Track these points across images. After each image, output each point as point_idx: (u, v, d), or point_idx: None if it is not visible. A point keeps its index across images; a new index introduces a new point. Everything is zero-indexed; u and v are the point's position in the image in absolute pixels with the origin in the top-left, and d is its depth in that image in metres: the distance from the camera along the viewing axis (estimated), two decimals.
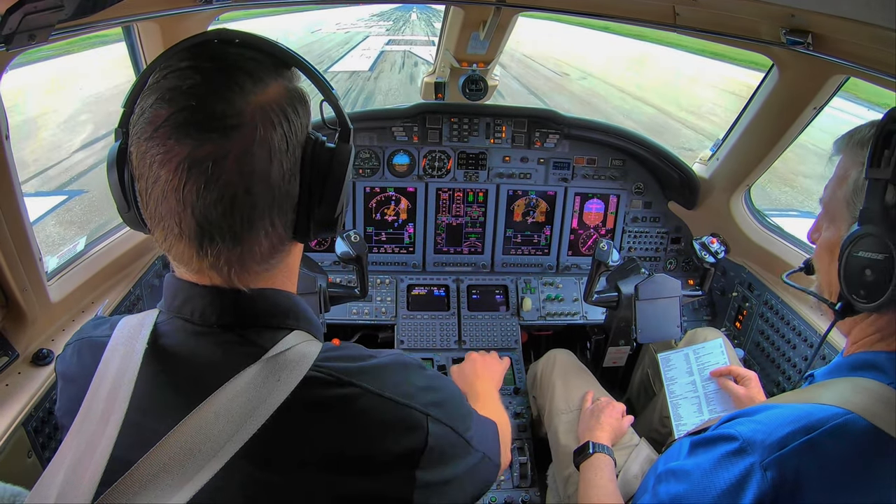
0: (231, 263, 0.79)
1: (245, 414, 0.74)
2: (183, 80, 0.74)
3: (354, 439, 0.82)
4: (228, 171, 0.73)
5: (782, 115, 2.24)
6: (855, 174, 1.06)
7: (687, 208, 2.94)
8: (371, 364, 0.87)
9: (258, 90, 0.76)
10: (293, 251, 0.91)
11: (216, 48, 0.80)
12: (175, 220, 0.76)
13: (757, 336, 2.58)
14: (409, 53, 25.58)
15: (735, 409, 1.91)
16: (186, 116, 0.72)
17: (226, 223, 0.76)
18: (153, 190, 0.75)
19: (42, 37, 1.05)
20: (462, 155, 2.93)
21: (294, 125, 0.80)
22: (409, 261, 3.05)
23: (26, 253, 1.51)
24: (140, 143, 0.75)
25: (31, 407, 1.51)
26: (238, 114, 0.74)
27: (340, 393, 0.81)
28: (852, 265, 1.03)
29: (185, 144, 0.72)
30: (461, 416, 0.97)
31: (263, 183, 0.77)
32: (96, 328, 0.94)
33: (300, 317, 0.89)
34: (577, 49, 28.26)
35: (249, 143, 0.74)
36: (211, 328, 0.82)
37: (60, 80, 13.70)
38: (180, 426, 0.72)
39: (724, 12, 1.79)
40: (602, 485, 1.67)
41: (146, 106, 0.75)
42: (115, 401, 0.76)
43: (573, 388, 2.24)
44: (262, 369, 0.78)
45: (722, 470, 0.97)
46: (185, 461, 0.70)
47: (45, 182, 8.69)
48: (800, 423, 0.94)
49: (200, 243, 0.77)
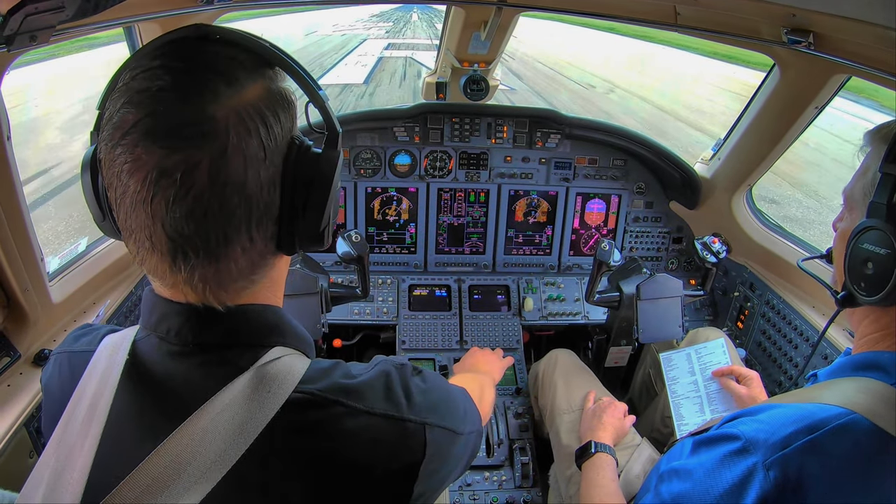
0: (206, 280, 0.74)
1: (234, 430, 0.70)
2: (152, 82, 0.68)
3: (347, 461, 0.78)
4: (199, 183, 0.67)
5: (784, 115, 2.24)
6: (875, 167, 1.06)
7: (688, 208, 2.94)
8: (358, 381, 0.82)
9: (232, 92, 0.70)
10: (278, 265, 0.85)
11: (191, 46, 0.73)
12: (146, 233, 0.70)
13: (759, 336, 2.58)
14: (410, 60, 22.88)
15: (737, 409, 1.91)
16: (154, 122, 0.67)
17: (199, 238, 0.70)
18: (123, 200, 0.70)
19: (43, 38, 1.05)
20: (463, 155, 2.93)
21: (273, 130, 0.73)
22: (410, 261, 3.05)
23: (28, 253, 1.51)
24: (108, 150, 0.69)
25: (32, 407, 1.51)
26: (210, 119, 0.68)
27: (327, 414, 0.77)
28: (856, 256, 1.04)
29: (152, 153, 0.66)
30: (454, 410, 0.94)
31: (239, 195, 0.70)
32: (77, 340, 0.91)
33: (286, 332, 0.84)
34: (591, 54, 27.08)
35: (222, 151, 0.68)
36: (188, 347, 0.77)
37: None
38: (162, 447, 0.68)
39: (725, 12, 1.79)
40: (604, 484, 1.67)
41: (114, 109, 0.69)
42: (92, 421, 0.73)
43: (575, 388, 2.23)
44: (249, 382, 0.74)
45: (724, 469, 0.97)
46: (169, 483, 0.67)
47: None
48: (803, 423, 0.94)
49: (174, 258, 0.71)
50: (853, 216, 1.11)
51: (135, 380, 0.78)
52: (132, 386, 0.77)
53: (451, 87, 2.95)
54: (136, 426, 0.77)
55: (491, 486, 2.29)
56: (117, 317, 2.05)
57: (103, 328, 0.91)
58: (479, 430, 1.06)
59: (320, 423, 0.77)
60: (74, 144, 9.87)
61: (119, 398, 0.75)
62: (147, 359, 0.79)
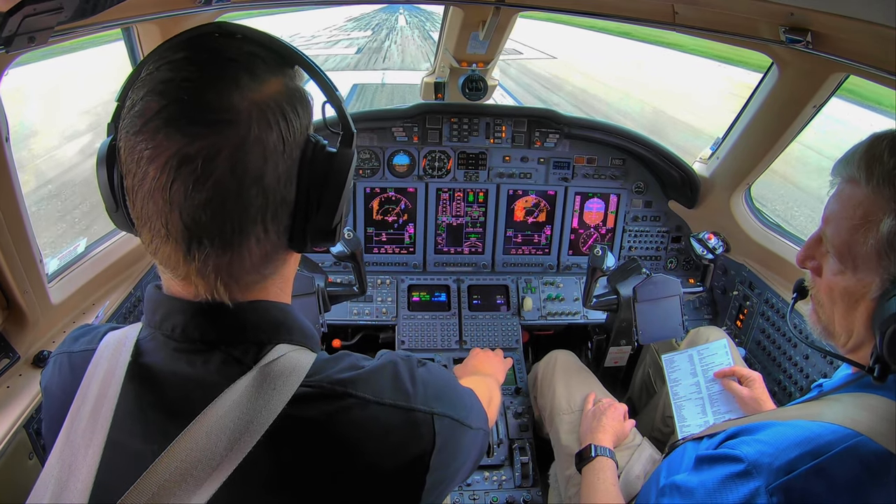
0: (219, 270, 0.74)
1: (239, 428, 0.70)
2: (177, 72, 0.70)
3: (358, 453, 0.77)
4: (219, 171, 0.68)
5: (782, 114, 2.24)
6: (890, 224, 0.94)
7: (687, 207, 2.94)
8: (365, 371, 0.82)
9: (255, 86, 0.72)
10: (289, 261, 0.86)
11: (215, 41, 0.75)
12: (162, 220, 0.71)
13: (758, 335, 2.58)
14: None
15: (739, 411, 1.91)
16: (178, 110, 0.68)
17: (215, 226, 0.71)
18: (140, 188, 0.71)
19: (42, 39, 1.05)
20: (462, 155, 2.93)
21: (292, 126, 0.75)
22: (409, 261, 3.05)
23: (27, 255, 1.51)
24: (129, 137, 0.70)
25: (32, 409, 1.51)
26: (232, 109, 0.69)
27: (337, 406, 0.77)
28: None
29: (174, 140, 0.67)
30: (460, 401, 0.94)
31: (257, 185, 0.72)
32: (76, 341, 0.91)
33: (293, 329, 0.84)
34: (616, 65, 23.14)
35: (243, 141, 0.69)
36: (194, 345, 0.78)
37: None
38: (171, 449, 0.68)
39: (723, 11, 1.79)
40: (604, 488, 1.67)
41: (137, 98, 0.70)
42: (97, 423, 0.73)
43: (574, 389, 2.23)
44: (254, 379, 0.74)
45: (727, 491, 0.95)
46: (177, 486, 0.67)
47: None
48: (807, 447, 0.92)
49: (188, 247, 0.72)
50: (861, 278, 1.00)
51: (139, 380, 0.77)
52: (137, 386, 0.77)
53: (449, 87, 2.96)
54: (142, 427, 0.77)
55: (491, 485, 2.29)
56: (117, 318, 2.05)
57: (103, 327, 0.90)
58: (485, 430, 1.06)
59: (330, 416, 0.77)
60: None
61: (123, 399, 0.75)
62: (151, 358, 0.79)
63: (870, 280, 0.99)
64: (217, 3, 1.72)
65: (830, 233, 1.05)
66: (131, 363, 0.78)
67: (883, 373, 0.98)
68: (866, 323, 1.01)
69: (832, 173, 1.07)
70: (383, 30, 34.85)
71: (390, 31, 33.84)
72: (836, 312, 1.08)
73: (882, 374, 0.98)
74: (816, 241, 1.12)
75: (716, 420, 1.94)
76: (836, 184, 1.07)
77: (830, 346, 1.16)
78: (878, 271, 0.97)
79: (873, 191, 0.97)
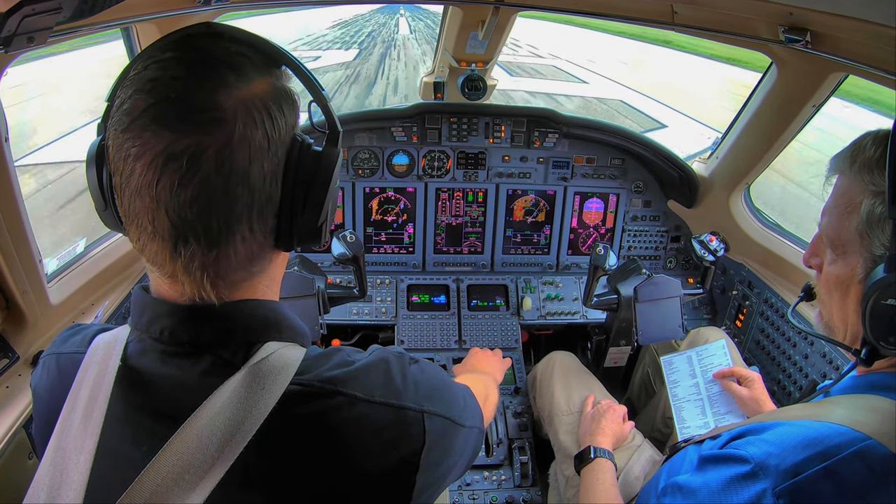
0: (205, 268, 0.74)
1: (231, 430, 0.70)
2: (164, 71, 0.71)
3: (350, 451, 0.78)
4: (205, 168, 0.69)
5: (781, 113, 2.24)
6: (868, 204, 0.97)
7: (686, 207, 2.94)
8: (355, 368, 0.82)
9: (241, 84, 0.72)
10: (275, 261, 0.86)
11: (203, 41, 0.76)
12: (149, 218, 0.71)
13: (758, 334, 2.58)
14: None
15: (739, 411, 1.91)
16: (165, 108, 0.69)
17: (201, 224, 0.71)
18: (127, 185, 0.71)
19: (41, 39, 1.05)
20: (461, 155, 2.93)
21: (278, 124, 0.75)
22: (409, 261, 3.05)
23: (26, 255, 1.51)
24: (116, 135, 0.71)
25: (31, 409, 1.51)
26: (219, 108, 0.70)
27: (327, 404, 0.77)
28: (880, 313, 0.93)
29: (161, 137, 0.68)
30: (453, 400, 0.94)
31: (242, 184, 0.72)
32: (65, 342, 0.90)
33: (283, 327, 0.83)
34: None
35: (229, 139, 0.70)
36: (183, 348, 0.77)
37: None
38: (163, 453, 0.68)
39: (722, 11, 1.80)
40: (603, 490, 1.66)
41: (125, 97, 0.71)
42: (88, 428, 0.72)
43: (574, 390, 2.23)
44: (243, 379, 0.74)
45: (732, 493, 0.94)
46: (171, 490, 0.67)
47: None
48: (815, 449, 0.91)
49: (175, 244, 0.72)
50: (848, 262, 1.03)
51: (128, 384, 0.77)
52: (126, 390, 0.77)
53: (448, 87, 2.95)
54: (133, 432, 0.76)
55: (490, 485, 2.30)
56: (116, 318, 2.05)
57: (93, 327, 0.90)
58: (480, 428, 1.05)
59: (320, 415, 0.77)
60: None
61: (114, 403, 0.75)
62: (140, 362, 0.79)
63: (855, 262, 1.02)
64: (216, 2, 1.72)
65: (824, 224, 1.09)
66: (121, 367, 0.77)
67: (871, 356, 1.00)
68: (856, 309, 1.02)
69: (827, 170, 1.10)
70: (376, 44, 24.89)
71: (387, 48, 24.35)
72: (833, 305, 1.10)
73: (870, 357, 1.00)
74: (818, 239, 1.14)
75: (715, 420, 1.94)
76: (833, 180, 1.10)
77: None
78: (860, 252, 1.00)
79: (854, 176, 1.01)
